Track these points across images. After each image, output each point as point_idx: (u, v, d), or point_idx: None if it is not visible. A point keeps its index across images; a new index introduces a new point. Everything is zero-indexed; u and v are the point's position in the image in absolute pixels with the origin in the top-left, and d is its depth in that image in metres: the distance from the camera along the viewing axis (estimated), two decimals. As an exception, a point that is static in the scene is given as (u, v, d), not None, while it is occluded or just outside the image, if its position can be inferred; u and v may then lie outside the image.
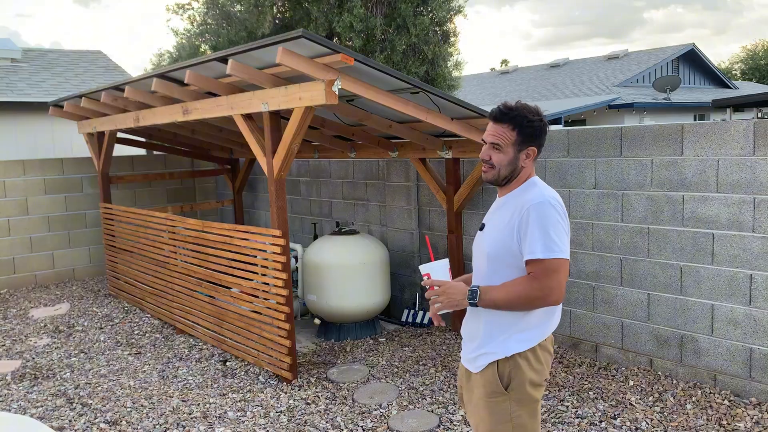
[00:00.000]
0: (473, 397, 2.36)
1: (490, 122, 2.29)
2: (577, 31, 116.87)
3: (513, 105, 2.26)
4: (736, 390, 4.19)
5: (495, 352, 2.27)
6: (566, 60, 28.24)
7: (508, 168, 2.28)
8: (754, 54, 42.19)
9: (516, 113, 2.24)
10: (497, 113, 2.26)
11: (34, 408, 4.48)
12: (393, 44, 15.26)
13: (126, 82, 5.67)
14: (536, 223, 2.16)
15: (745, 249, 4.08)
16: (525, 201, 2.23)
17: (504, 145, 2.25)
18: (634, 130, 4.57)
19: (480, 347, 2.31)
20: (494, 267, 2.28)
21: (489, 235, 2.33)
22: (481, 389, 2.31)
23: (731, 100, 14.53)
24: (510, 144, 2.25)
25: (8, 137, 10.37)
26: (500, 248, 2.25)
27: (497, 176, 2.30)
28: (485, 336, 2.30)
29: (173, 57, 20.81)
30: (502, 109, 2.26)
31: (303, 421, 4.10)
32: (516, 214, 2.23)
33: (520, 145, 2.25)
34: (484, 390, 2.29)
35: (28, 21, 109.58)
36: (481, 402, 2.31)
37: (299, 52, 3.90)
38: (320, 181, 7.49)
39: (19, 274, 8.35)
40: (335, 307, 5.63)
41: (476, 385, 2.33)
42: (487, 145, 2.29)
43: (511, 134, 2.24)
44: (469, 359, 2.38)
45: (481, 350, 2.31)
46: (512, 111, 2.24)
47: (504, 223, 2.27)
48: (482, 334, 2.31)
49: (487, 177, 2.33)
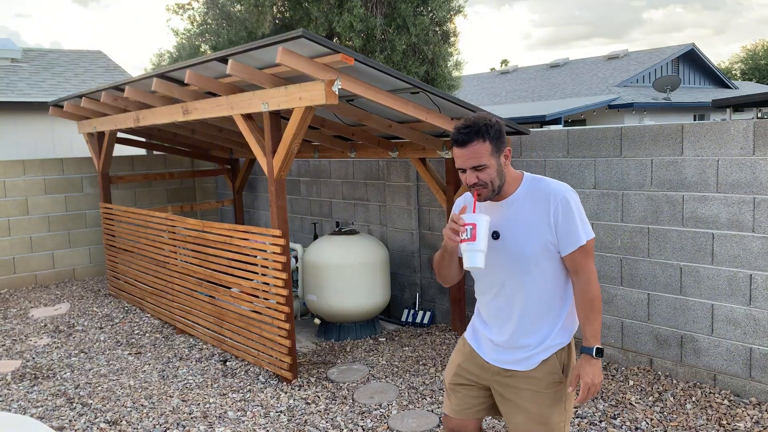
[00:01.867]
0: (521, 394, 2.35)
1: (457, 149, 2.22)
2: (576, 31, 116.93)
3: (466, 122, 2.22)
4: (736, 390, 4.19)
5: (552, 346, 2.33)
6: (566, 60, 28.24)
7: (498, 178, 2.26)
8: (754, 54, 42.20)
9: (475, 127, 2.20)
10: (461, 137, 2.20)
11: (34, 408, 4.48)
12: (393, 44, 15.26)
13: (126, 82, 5.67)
14: (576, 211, 2.22)
15: (745, 249, 4.08)
16: (549, 194, 2.25)
17: (486, 160, 2.21)
18: (634, 130, 4.57)
19: (531, 346, 2.33)
20: (540, 269, 2.27)
21: (520, 239, 2.27)
22: (538, 383, 2.33)
23: (731, 100, 14.53)
24: (490, 155, 2.21)
25: (8, 137, 10.38)
26: (542, 247, 2.25)
27: (493, 190, 2.27)
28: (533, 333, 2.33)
29: (173, 57, 20.81)
30: (461, 131, 2.20)
31: (303, 421, 4.11)
32: (544, 210, 2.23)
33: (497, 151, 2.23)
34: (545, 382, 2.32)
35: (28, 21, 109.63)
36: (539, 396, 2.33)
37: (299, 52, 3.90)
38: (320, 181, 7.49)
39: (19, 274, 8.35)
40: (335, 307, 5.63)
41: (528, 382, 2.34)
42: (469, 170, 2.23)
43: (484, 147, 2.20)
44: (514, 360, 2.36)
45: (535, 349, 2.33)
46: (471, 127, 2.19)
47: (535, 223, 2.25)
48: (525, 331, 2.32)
49: (483, 196, 2.27)
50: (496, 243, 2.31)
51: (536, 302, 2.31)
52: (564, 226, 2.22)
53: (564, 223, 2.22)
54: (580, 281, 2.28)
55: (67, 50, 13.28)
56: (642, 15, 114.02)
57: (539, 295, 2.31)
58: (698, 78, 25.46)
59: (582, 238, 2.22)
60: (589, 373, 2.25)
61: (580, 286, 2.28)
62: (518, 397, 2.36)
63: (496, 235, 2.31)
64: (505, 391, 2.40)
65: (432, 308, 6.14)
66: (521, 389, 2.35)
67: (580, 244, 2.22)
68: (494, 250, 2.31)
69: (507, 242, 2.29)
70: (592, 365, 2.26)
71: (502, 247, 2.30)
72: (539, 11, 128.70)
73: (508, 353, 2.38)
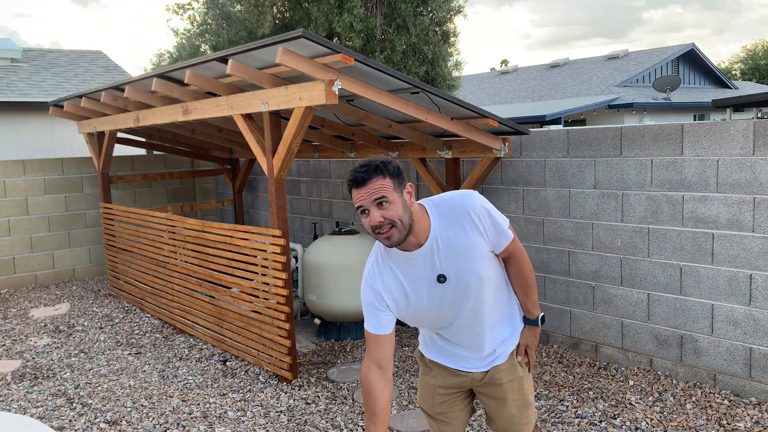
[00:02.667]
0: (506, 387, 2.39)
1: (356, 189, 2.04)
2: (576, 31, 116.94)
3: (361, 163, 2.08)
4: (736, 390, 4.19)
5: (514, 340, 2.42)
6: (566, 60, 28.24)
7: (406, 215, 2.05)
8: (754, 54, 42.20)
9: (372, 164, 2.05)
10: (359, 176, 2.03)
11: (34, 408, 4.48)
12: (393, 44, 15.25)
13: (126, 82, 5.67)
14: (494, 212, 2.21)
15: (745, 249, 4.08)
16: (465, 210, 2.14)
17: (388, 194, 2.02)
18: (634, 130, 4.57)
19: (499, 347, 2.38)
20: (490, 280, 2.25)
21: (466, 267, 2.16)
22: (514, 369, 2.41)
23: (731, 100, 14.52)
24: (392, 190, 2.03)
25: (8, 137, 10.38)
26: (484, 260, 2.20)
27: (404, 229, 2.05)
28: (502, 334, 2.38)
29: (173, 57, 20.80)
30: (358, 170, 2.05)
31: (303, 421, 4.11)
32: (469, 226, 2.14)
33: (398, 187, 2.06)
34: (516, 366, 2.41)
35: (27, 21, 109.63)
36: (519, 381, 2.41)
37: (299, 52, 3.91)
38: (320, 181, 7.49)
39: (19, 274, 8.35)
40: (335, 307, 5.63)
41: (508, 373, 2.39)
42: (372, 207, 2.02)
43: (385, 181, 2.03)
44: (490, 360, 2.39)
45: (501, 348, 2.39)
46: (369, 165, 2.05)
47: (466, 242, 2.14)
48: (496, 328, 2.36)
49: (394, 239, 2.05)
50: (446, 285, 2.18)
51: (497, 306, 2.33)
52: (493, 230, 2.18)
53: (492, 227, 2.18)
54: (513, 263, 2.34)
55: (67, 50, 13.28)
56: (642, 15, 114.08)
57: (497, 299, 2.32)
58: (698, 78, 25.47)
59: (508, 232, 2.24)
60: (534, 342, 2.44)
61: (515, 266, 2.34)
62: (504, 392, 2.40)
63: (443, 278, 2.16)
64: (490, 390, 2.41)
65: (432, 308, 6.13)
66: (505, 383, 2.39)
67: (510, 239, 2.25)
68: (448, 292, 2.19)
69: (458, 277, 2.17)
70: (535, 333, 2.44)
71: (454, 284, 2.18)
72: (539, 11, 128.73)
73: (488, 358, 2.39)
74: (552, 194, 5.07)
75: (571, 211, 4.92)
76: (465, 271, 2.16)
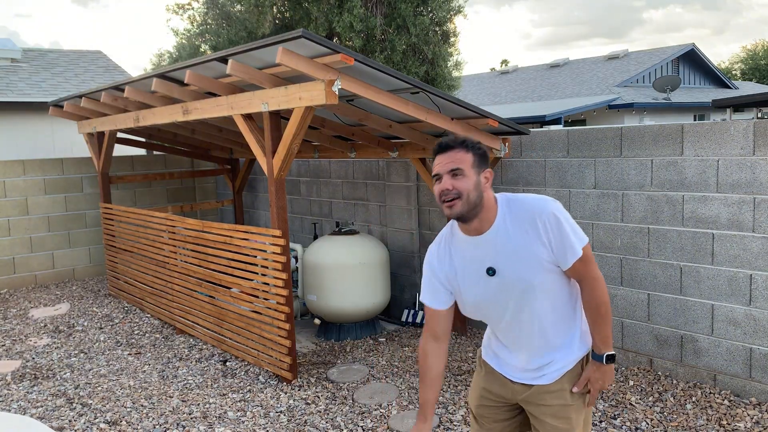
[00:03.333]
0: (549, 410, 2.26)
1: (439, 155, 2.12)
2: (576, 31, 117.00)
3: (455, 136, 2.17)
4: (736, 390, 4.19)
5: (574, 359, 2.25)
6: (566, 60, 28.24)
7: (475, 193, 2.07)
8: (754, 54, 42.20)
9: (462, 140, 2.12)
10: (445, 142, 2.12)
11: (34, 408, 4.48)
12: (393, 44, 15.25)
13: (126, 82, 5.67)
14: (565, 223, 2.10)
15: (745, 249, 4.08)
16: (534, 214, 2.11)
17: (465, 167, 2.07)
18: (634, 130, 4.57)
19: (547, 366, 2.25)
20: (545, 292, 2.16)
21: (519, 269, 2.13)
22: (564, 395, 2.25)
23: (731, 100, 14.52)
24: (470, 166, 2.08)
25: (8, 137, 10.38)
26: (541, 270, 2.13)
27: (467, 204, 2.07)
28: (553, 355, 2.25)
29: (173, 57, 20.79)
30: (447, 139, 2.13)
31: (303, 421, 4.10)
32: (533, 230, 2.10)
33: (478, 167, 2.10)
34: (570, 393, 2.25)
35: (27, 21, 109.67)
36: (565, 409, 2.25)
37: (299, 52, 3.90)
38: (320, 181, 7.49)
39: (19, 274, 8.35)
40: (335, 307, 5.63)
41: (554, 396, 2.25)
42: (445, 175, 2.08)
43: (467, 156, 2.09)
44: (534, 376, 2.27)
45: (550, 369, 2.25)
46: (457, 139, 2.13)
47: (526, 246, 2.11)
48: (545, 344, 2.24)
49: (456, 211, 2.07)
50: (494, 279, 2.16)
51: (551, 323, 2.22)
52: (559, 243, 2.09)
53: (559, 239, 2.10)
54: (584, 288, 2.20)
55: (67, 50, 13.28)
56: (642, 15, 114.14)
57: (552, 316, 2.21)
58: (698, 78, 25.47)
59: (578, 249, 2.11)
60: (598, 379, 2.23)
61: (586, 292, 2.20)
62: (546, 414, 2.28)
63: (492, 272, 2.16)
64: (534, 410, 2.32)
65: (432, 308, 6.13)
66: (549, 405, 2.27)
67: (578, 256, 2.11)
68: (494, 287, 2.18)
69: (505, 275, 2.15)
70: (602, 372, 2.22)
71: (501, 282, 2.16)
72: (539, 11, 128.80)
73: (531, 372, 2.31)
74: (552, 194, 5.06)
75: (571, 212, 4.92)
76: (515, 272, 2.13)
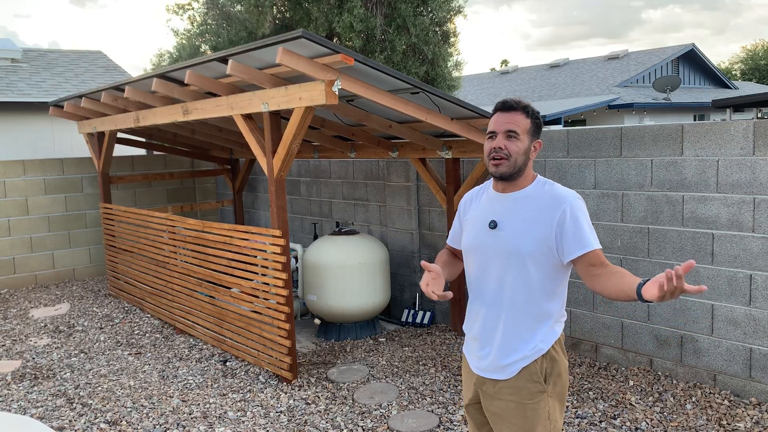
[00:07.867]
0: (501, 405, 2.22)
1: (500, 113, 2.17)
2: (576, 32, 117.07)
3: (518, 99, 2.21)
4: (736, 390, 4.19)
5: (532, 354, 2.18)
6: (566, 60, 28.25)
7: (523, 158, 2.15)
8: (754, 54, 42.19)
9: (525, 105, 2.18)
10: (508, 102, 2.17)
11: (34, 408, 4.48)
12: (393, 44, 15.25)
13: (126, 82, 5.67)
14: (583, 218, 2.13)
15: (745, 249, 4.08)
16: (557, 198, 2.14)
17: (521, 132, 2.14)
18: (634, 130, 4.57)
19: (510, 353, 2.19)
20: (535, 265, 2.14)
21: (519, 233, 2.15)
22: (520, 393, 2.19)
23: (731, 100, 14.50)
24: (525, 132, 2.15)
25: (8, 137, 10.38)
26: (540, 247, 2.13)
27: (513, 167, 2.15)
28: (514, 339, 2.19)
29: (173, 57, 20.79)
30: (511, 99, 2.18)
31: (303, 421, 4.10)
32: (549, 211, 2.12)
33: (532, 135, 2.17)
34: (527, 392, 2.18)
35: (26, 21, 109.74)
36: (518, 408, 2.19)
37: (299, 52, 3.91)
38: (320, 181, 7.49)
39: (19, 274, 8.35)
40: (335, 307, 5.63)
41: (508, 393, 2.21)
42: (501, 134, 2.15)
43: (525, 121, 2.16)
44: (494, 368, 2.22)
45: (513, 356, 2.19)
46: (521, 103, 2.18)
47: (536, 220, 2.14)
48: (506, 336, 2.19)
49: (501, 170, 2.15)
50: (492, 232, 2.20)
51: (525, 308, 2.19)
52: (572, 230, 2.10)
53: (572, 227, 2.10)
54: (608, 268, 2.07)
55: (67, 50, 13.28)
56: (641, 15, 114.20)
57: (527, 295, 2.18)
58: (698, 78, 25.47)
59: (592, 243, 2.09)
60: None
61: (609, 267, 2.06)
62: (502, 409, 2.23)
63: (494, 224, 2.20)
64: (490, 404, 2.27)
65: (432, 308, 6.14)
66: (505, 400, 2.22)
67: (590, 248, 2.09)
68: (490, 240, 2.21)
69: (503, 233, 2.18)
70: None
71: (497, 238, 2.19)
72: (538, 11, 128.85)
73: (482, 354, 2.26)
74: (552, 194, 5.06)
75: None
76: (512, 234, 2.17)
